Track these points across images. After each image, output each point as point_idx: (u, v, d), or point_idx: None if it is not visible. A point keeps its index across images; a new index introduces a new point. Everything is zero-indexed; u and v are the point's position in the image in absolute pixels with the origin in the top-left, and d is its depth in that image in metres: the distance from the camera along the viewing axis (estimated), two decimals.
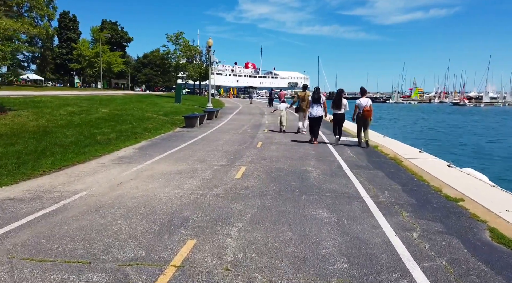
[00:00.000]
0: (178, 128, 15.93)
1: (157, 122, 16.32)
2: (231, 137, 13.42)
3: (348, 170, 8.08)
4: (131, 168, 7.79)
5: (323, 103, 12.05)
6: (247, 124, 18.39)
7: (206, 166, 8.23)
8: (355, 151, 10.74)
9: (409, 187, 6.75)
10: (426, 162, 9.14)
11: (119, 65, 52.55)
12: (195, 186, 6.43)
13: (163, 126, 15.60)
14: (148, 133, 13.36)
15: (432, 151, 14.99)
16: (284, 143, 12.03)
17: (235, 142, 12.02)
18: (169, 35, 37.34)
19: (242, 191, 6.20)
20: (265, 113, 27.07)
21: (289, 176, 7.40)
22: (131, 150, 10.19)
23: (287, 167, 8.23)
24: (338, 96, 11.96)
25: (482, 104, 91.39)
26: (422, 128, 35.16)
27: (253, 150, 10.50)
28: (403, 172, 8.11)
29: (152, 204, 5.35)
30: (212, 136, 13.47)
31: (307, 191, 6.27)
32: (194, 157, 9.23)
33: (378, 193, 6.30)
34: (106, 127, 13.00)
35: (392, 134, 23.47)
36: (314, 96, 12.10)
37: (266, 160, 9.08)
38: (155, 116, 18.25)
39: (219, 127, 16.75)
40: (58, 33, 54.80)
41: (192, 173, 7.43)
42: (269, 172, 7.67)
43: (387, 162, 9.32)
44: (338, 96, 11.93)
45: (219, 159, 9.10)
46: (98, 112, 16.45)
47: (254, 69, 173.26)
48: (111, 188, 6.23)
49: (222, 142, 11.97)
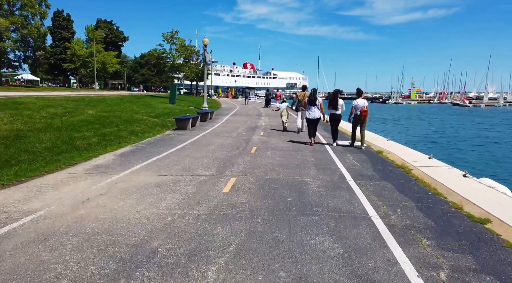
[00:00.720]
0: (168, 131, 14.96)
1: (146, 124, 15.35)
2: (224, 141, 12.46)
3: (351, 181, 7.13)
4: (105, 180, 6.82)
5: (319, 104, 12.03)
6: (243, 127, 17.44)
7: (192, 176, 7.27)
8: (358, 158, 9.80)
9: (424, 204, 5.80)
10: (438, 171, 8.19)
11: (114, 65, 51.34)
12: (174, 204, 5.47)
13: (152, 129, 14.63)
14: (134, 137, 12.39)
15: (441, 156, 14.10)
16: (281, 148, 11.08)
17: (228, 147, 11.06)
18: (164, 34, 36.39)
19: (229, 210, 5.24)
20: (262, 114, 26.12)
21: (285, 189, 6.45)
22: (111, 157, 9.22)
23: (283, 178, 7.27)
24: (334, 96, 12.05)
25: (482, 104, 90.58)
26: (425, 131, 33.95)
27: (246, 157, 9.54)
28: (414, 184, 7.17)
29: (117, 230, 4.39)
30: (204, 140, 12.50)
31: (305, 210, 5.32)
32: (179, 166, 8.27)
33: (389, 212, 5.35)
34: (88, 131, 12.03)
35: (395, 136, 22.52)
36: (310, 98, 12.08)
37: (259, 169, 8.13)
38: (145, 118, 17.28)
39: (212, 130, 15.78)
40: (51, 32, 53.68)
41: (174, 186, 6.47)
42: (262, 185, 6.71)
43: (395, 171, 8.37)
44: (334, 97, 12.02)
45: (208, 167, 8.14)
46: (83, 113, 15.46)
47: (253, 70, 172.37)
48: (73, 207, 5.27)
49: (213, 147, 11.01)
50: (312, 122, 11.98)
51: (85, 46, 51.44)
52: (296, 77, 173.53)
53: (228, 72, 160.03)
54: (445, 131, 33.45)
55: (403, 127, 36.89)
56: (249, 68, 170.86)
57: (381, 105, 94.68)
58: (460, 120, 47.54)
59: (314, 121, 11.94)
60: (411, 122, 43.89)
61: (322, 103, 12.18)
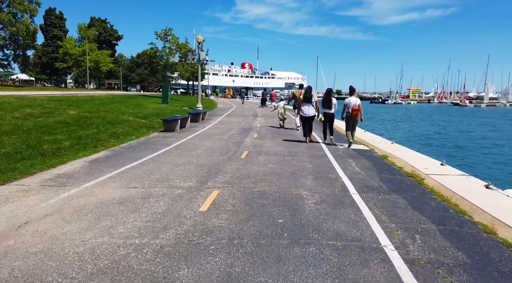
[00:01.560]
0: (154, 133, 13.81)
1: (131, 126, 14.20)
2: (213, 144, 11.32)
3: (356, 195, 6.01)
4: (60, 194, 5.68)
5: (314, 102, 12.00)
6: (236, 128, 16.31)
7: (167, 189, 6.13)
8: (361, 164, 8.68)
9: (448, 226, 4.69)
10: (455, 181, 7.08)
11: (107, 64, 49.95)
12: (135, 229, 4.33)
13: (136, 130, 13.48)
14: (114, 140, 11.24)
15: (452, 160, 12.97)
16: (275, 153, 9.95)
17: (216, 152, 9.93)
18: (157, 32, 35.13)
19: (203, 238, 4.11)
20: (258, 115, 25.01)
21: (276, 206, 5.32)
22: (80, 164, 8.07)
23: (275, 191, 6.15)
24: (327, 95, 12.01)
25: (483, 104, 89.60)
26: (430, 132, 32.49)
27: (235, 163, 8.41)
28: (430, 198, 6.05)
29: (42, 274, 3.25)
30: (190, 144, 11.36)
31: (300, 237, 4.20)
32: (155, 175, 7.13)
33: (406, 239, 4.24)
34: (63, 133, 10.88)
35: (399, 138, 21.38)
36: (306, 96, 12.05)
37: (249, 178, 7.00)
38: (131, 119, 16.13)
39: (202, 132, 14.64)
40: (43, 30, 52.38)
41: (141, 203, 5.33)
42: (249, 200, 5.59)
43: (405, 180, 7.26)
44: (327, 96, 11.99)
45: (188, 177, 7.01)
46: (63, 114, 14.31)
47: (251, 69, 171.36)
48: (3, 234, 4.13)
49: (199, 152, 9.87)
50: (307, 120, 11.95)
51: (77, 44, 50.07)
52: (295, 77, 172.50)
53: (226, 72, 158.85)
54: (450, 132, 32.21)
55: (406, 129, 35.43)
56: (247, 68, 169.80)
57: (380, 105, 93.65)
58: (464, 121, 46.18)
59: (309, 118, 11.93)
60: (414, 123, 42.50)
61: (317, 101, 12.15)
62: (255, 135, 13.72)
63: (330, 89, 12.61)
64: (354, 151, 10.71)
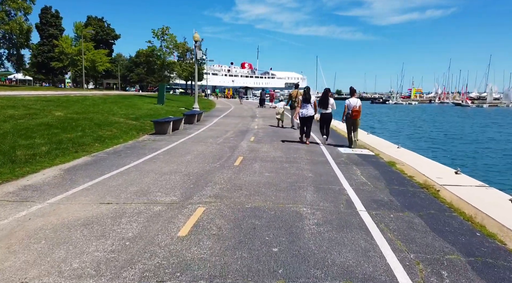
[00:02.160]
0: (145, 136, 12.97)
1: (120, 128, 13.36)
2: (206, 149, 10.48)
3: (364, 213, 5.17)
4: (17, 212, 4.84)
5: (313, 103, 11.91)
6: (232, 130, 15.47)
7: (144, 205, 5.30)
8: (367, 173, 7.84)
9: (480, 257, 3.85)
10: (474, 194, 6.24)
11: (104, 64, 49.00)
12: (93, 264, 3.49)
13: (125, 133, 12.63)
14: (98, 144, 10.41)
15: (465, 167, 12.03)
16: (272, 159, 9.11)
17: (208, 158, 9.09)
18: (154, 30, 34.19)
19: (175, 278, 3.27)
20: (257, 116, 24.18)
21: (271, 227, 4.49)
22: (54, 172, 7.23)
23: (270, 207, 5.31)
24: (324, 95, 11.91)
25: (485, 104, 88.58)
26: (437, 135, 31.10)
27: (227, 172, 7.58)
28: (450, 216, 5.21)
29: None
30: (181, 148, 10.52)
31: (298, 274, 3.36)
32: (135, 186, 6.29)
33: (431, 277, 3.39)
34: (42, 137, 10.04)
35: (405, 142, 20.41)
36: (305, 96, 11.89)
37: (241, 191, 6.16)
38: (122, 120, 15.29)
39: (196, 135, 13.79)
40: (39, 29, 51.44)
41: (111, 225, 4.50)
42: (239, 220, 4.75)
43: (418, 193, 6.42)
44: (324, 96, 11.88)
45: (172, 189, 6.17)
46: (48, 116, 13.47)
47: (251, 69, 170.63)
48: None
49: (190, 158, 9.04)
50: (305, 120, 11.85)
51: (74, 43, 49.15)
52: (295, 77, 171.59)
53: (225, 72, 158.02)
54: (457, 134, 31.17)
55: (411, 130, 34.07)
56: (247, 68, 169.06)
57: (381, 106, 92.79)
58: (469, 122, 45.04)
59: (308, 118, 11.79)
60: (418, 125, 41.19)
61: (315, 101, 12.12)
62: (252, 138, 12.89)
63: (328, 89, 12.35)
64: (358, 156, 9.88)
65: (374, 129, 26.10)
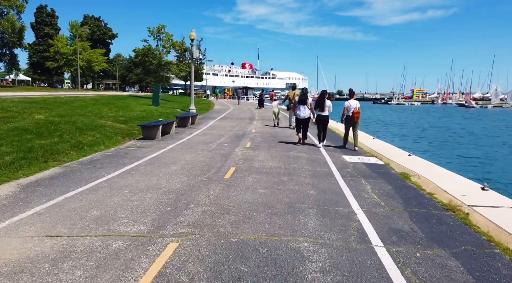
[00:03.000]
0: (130, 142, 11.86)
1: (104, 132, 12.24)
2: (195, 157, 9.36)
3: (381, 250, 4.05)
4: None
5: (309, 104, 11.65)
6: (228, 134, 14.35)
7: (102, 238, 4.17)
8: (379, 189, 6.71)
9: None
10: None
11: (100, 64, 47.78)
12: None
13: (109, 138, 11.51)
14: (75, 152, 9.29)
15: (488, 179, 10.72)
16: (268, 170, 7.98)
17: (195, 169, 7.96)
18: (150, 29, 32.98)
19: None
20: (255, 118, 23.06)
21: (261, 278, 3.35)
22: (10, 188, 6.11)
23: (262, 241, 4.18)
24: (321, 97, 11.70)
25: (490, 105, 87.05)
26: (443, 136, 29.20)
27: (214, 188, 6.45)
28: (493, 255, 4.07)
29: None
30: (167, 157, 9.40)
31: None
32: (99, 210, 5.16)
33: None
34: (11, 144, 8.92)
35: (413, 145, 19.24)
36: (302, 98, 11.65)
37: (228, 215, 5.03)
38: (109, 123, 14.17)
39: (187, 140, 12.66)
40: (34, 28, 50.28)
41: (48, 272, 3.36)
42: (220, 264, 3.61)
43: (443, 217, 5.28)
44: (321, 97, 11.66)
45: (143, 214, 5.04)
46: (26, 119, 12.36)
47: (251, 70, 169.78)
48: None
49: (174, 169, 7.91)
50: (303, 122, 11.70)
51: (69, 43, 47.97)
52: (296, 78, 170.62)
53: (226, 72, 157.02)
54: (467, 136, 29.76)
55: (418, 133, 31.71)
56: (247, 68, 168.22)
57: (384, 106, 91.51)
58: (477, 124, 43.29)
59: (304, 120, 11.64)
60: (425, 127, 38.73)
61: (312, 103, 11.86)
62: (248, 144, 11.76)
63: (325, 91, 12.23)
64: (366, 166, 8.75)
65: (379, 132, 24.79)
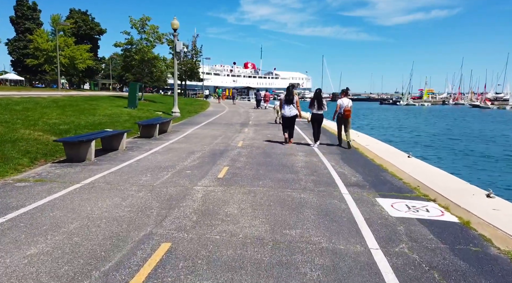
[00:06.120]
0: (40, 167, 7.71)
1: (7, 151, 8.09)
2: (111, 209, 5.17)
3: None
4: None
5: (295, 102, 11.41)
6: (202, 151, 10.17)
7: None
8: None
9: None
10: None
11: (85, 61, 43.57)
12: None
13: (8, 161, 7.37)
14: None
15: None
16: (234, 255, 3.77)
17: (81, 252, 3.77)
18: (133, 19, 28.56)
19: None
20: (249, 123, 18.89)
21: None
22: None
23: None
24: (316, 96, 11.47)
25: (508, 106, 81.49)
26: (499, 152, 22.70)
27: None
28: None
29: None
30: (58, 209, 5.20)
31: None
32: None
33: None
34: None
35: (474, 172, 14.55)
36: (288, 97, 11.40)
37: None
38: (35, 135, 10.05)
39: (134, 162, 8.46)
40: (14, 23, 46.41)
41: None
42: None
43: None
44: (316, 96, 11.43)
45: None
46: None
47: (254, 70, 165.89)
48: None
49: (30, 255, 3.73)
50: (289, 120, 11.53)
51: (51, 38, 43.91)
52: (299, 77, 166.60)
53: (228, 72, 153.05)
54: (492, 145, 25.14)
55: (466, 145, 23.54)
56: (250, 68, 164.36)
57: (392, 107, 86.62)
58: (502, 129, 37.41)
59: (291, 118, 11.48)
60: (468, 137, 28.64)
61: (298, 100, 11.68)
62: (223, 171, 7.57)
63: (320, 90, 11.91)
64: (430, 231, 4.52)
65: (408, 144, 20.32)
